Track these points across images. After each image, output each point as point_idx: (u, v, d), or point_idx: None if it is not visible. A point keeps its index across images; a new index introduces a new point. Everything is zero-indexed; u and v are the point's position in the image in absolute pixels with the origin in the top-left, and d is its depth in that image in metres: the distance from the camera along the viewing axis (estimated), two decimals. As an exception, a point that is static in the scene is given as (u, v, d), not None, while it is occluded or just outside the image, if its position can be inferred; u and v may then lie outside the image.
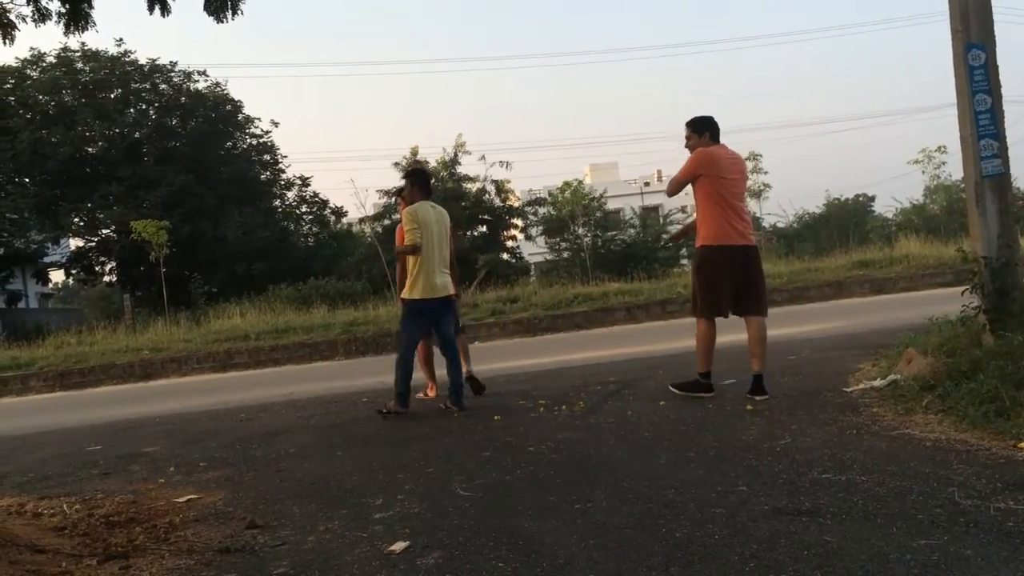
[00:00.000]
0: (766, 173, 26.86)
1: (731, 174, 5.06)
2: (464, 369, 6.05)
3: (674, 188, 5.25)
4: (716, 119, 5.21)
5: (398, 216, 5.59)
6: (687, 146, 5.24)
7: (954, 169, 26.82)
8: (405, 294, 5.74)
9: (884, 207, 33.35)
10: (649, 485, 3.28)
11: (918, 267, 14.51)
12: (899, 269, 14.62)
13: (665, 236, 23.45)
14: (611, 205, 25.97)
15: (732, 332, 5.14)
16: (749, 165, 26.57)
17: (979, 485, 2.86)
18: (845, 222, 25.16)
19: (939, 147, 26.82)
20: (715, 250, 5.03)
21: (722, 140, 5.21)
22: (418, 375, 6.69)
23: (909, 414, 4.01)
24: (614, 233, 23.89)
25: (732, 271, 5.00)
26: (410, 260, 5.68)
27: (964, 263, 4.90)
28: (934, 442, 3.50)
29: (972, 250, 4.79)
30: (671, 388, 5.22)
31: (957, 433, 3.57)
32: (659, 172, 44.83)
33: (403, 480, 3.78)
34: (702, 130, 5.19)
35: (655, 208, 33.57)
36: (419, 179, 5.99)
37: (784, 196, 74.06)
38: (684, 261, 22.41)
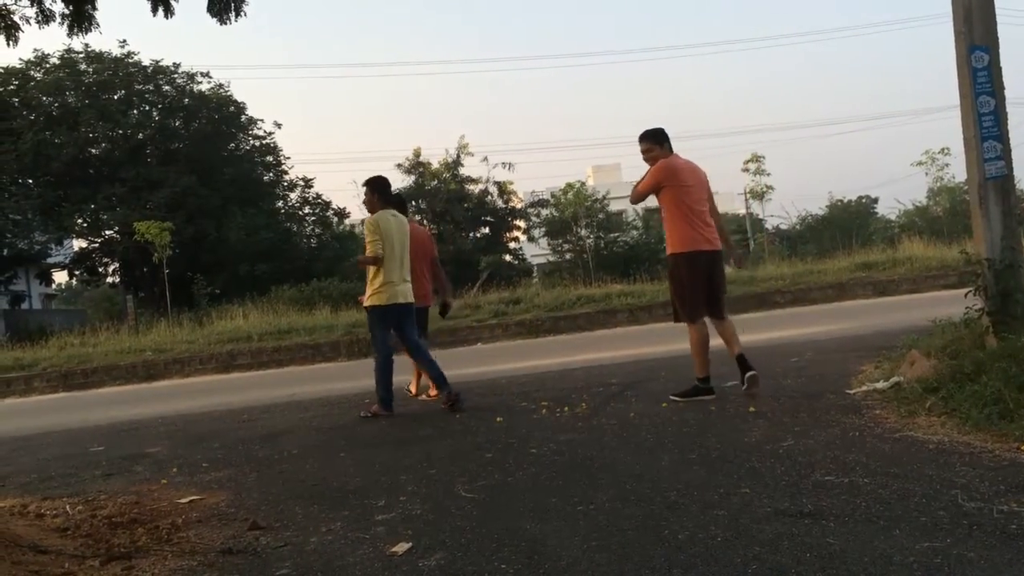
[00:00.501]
0: (769, 175, 26.82)
1: (690, 182, 5.17)
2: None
3: (636, 198, 5.43)
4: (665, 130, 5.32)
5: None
6: (648, 158, 5.31)
7: (957, 171, 26.80)
8: (367, 301, 5.88)
9: (887, 209, 33.36)
10: (651, 487, 3.28)
11: (921, 269, 14.49)
12: (902, 271, 14.60)
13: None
14: (614, 207, 25.95)
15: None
16: (752, 167, 26.70)
17: (982, 488, 2.85)
18: (848, 224, 25.11)
19: (942, 149, 26.87)
20: (685, 256, 5.15)
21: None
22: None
23: (912, 416, 4.00)
24: (617, 235, 23.94)
25: (702, 275, 5.13)
26: (371, 269, 5.81)
27: (967, 265, 4.89)
28: (937, 444, 3.49)
29: (975, 252, 4.79)
30: (672, 398, 5.22)
31: (960, 435, 3.56)
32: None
33: (405, 481, 3.78)
34: (663, 141, 5.29)
35: (658, 209, 33.50)
36: (379, 187, 6.01)
37: (787, 198, 74.58)
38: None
